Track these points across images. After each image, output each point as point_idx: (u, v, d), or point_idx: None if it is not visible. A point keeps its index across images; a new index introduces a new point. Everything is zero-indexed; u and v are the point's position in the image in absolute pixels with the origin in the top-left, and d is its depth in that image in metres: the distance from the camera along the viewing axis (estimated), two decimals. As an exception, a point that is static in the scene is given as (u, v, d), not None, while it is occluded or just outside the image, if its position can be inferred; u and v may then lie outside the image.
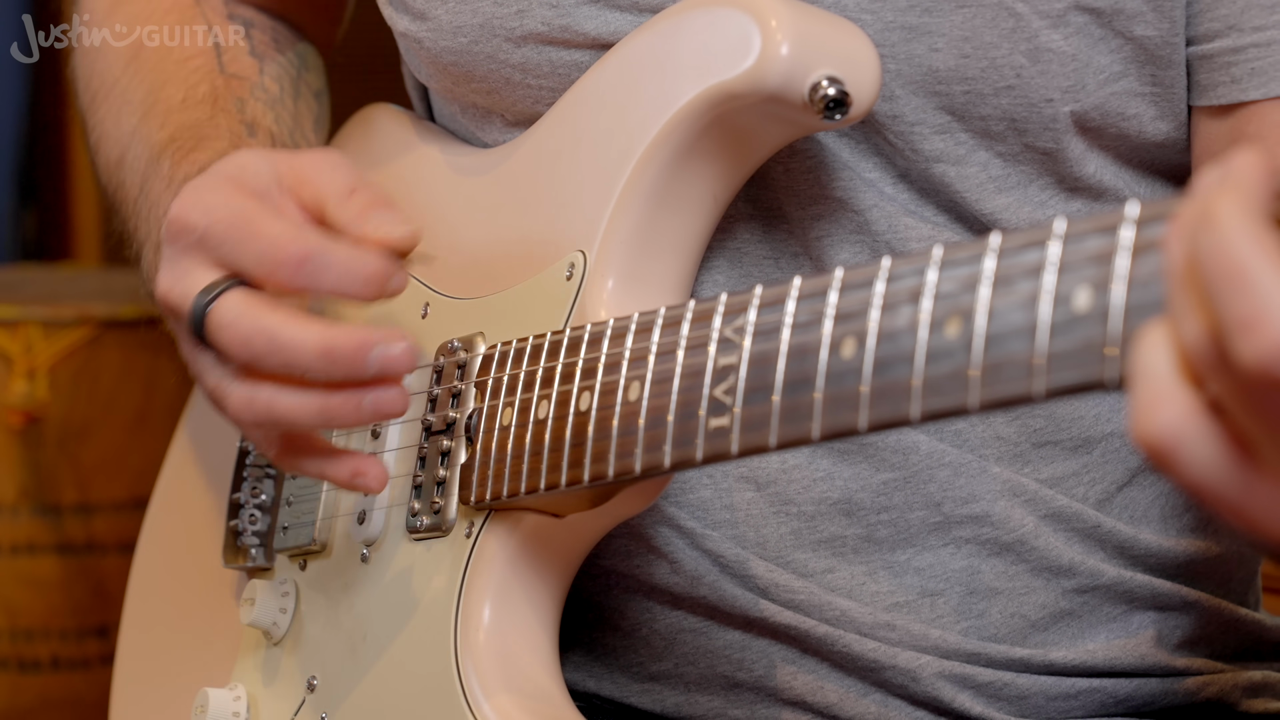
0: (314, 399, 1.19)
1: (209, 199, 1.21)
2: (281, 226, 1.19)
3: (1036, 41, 1.22)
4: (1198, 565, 1.33)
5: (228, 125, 1.36)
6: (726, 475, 1.28)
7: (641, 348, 1.15)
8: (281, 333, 1.17)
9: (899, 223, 1.26)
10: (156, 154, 1.36)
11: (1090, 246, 0.90)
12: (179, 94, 1.40)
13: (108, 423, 2.57)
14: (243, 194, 1.21)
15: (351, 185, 1.22)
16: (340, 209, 1.21)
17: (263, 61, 1.45)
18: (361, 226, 1.20)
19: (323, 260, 1.18)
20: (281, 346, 1.17)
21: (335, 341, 1.17)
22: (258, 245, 1.19)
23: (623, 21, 1.26)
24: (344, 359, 1.17)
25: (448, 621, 1.24)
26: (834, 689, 1.29)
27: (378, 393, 1.19)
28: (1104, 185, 1.28)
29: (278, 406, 1.19)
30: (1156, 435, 0.83)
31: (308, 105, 1.48)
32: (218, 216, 1.20)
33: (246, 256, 1.19)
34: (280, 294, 1.20)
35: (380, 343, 1.17)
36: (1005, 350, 0.93)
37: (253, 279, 1.20)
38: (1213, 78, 1.24)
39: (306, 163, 1.24)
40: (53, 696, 2.56)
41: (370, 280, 1.19)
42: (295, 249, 1.18)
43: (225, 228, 1.20)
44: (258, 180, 1.23)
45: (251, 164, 1.24)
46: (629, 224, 1.23)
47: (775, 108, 1.19)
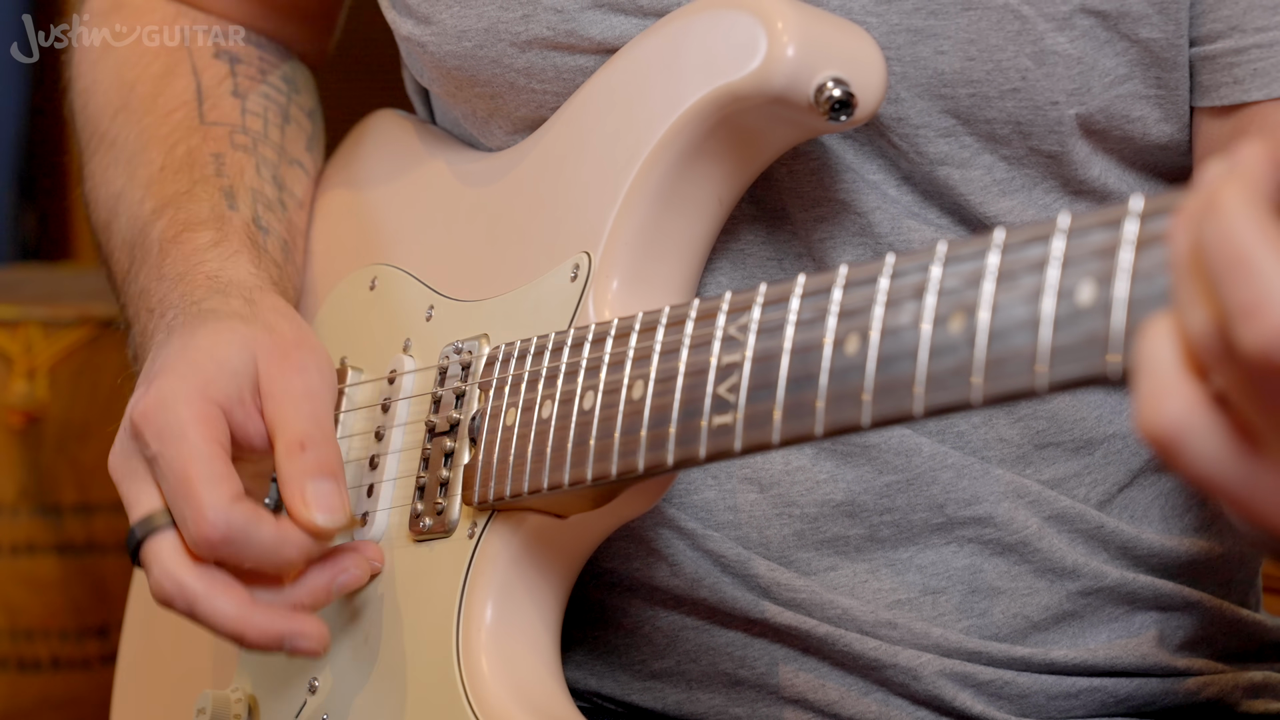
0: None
1: (165, 419, 1.23)
2: (214, 498, 1.21)
3: (1042, 44, 1.22)
4: (1199, 566, 1.33)
5: (208, 199, 1.38)
6: (730, 476, 1.28)
7: (645, 346, 1.15)
8: (199, 605, 1.22)
9: (902, 225, 1.26)
10: (142, 228, 1.38)
11: (1094, 240, 0.90)
12: (158, 159, 1.42)
13: (108, 423, 2.55)
14: (201, 422, 1.23)
15: (305, 437, 1.23)
16: (285, 461, 1.23)
17: (245, 99, 1.46)
18: (295, 495, 1.22)
19: (243, 542, 1.21)
20: (198, 615, 1.22)
21: (249, 629, 1.21)
22: (188, 509, 1.21)
23: (628, 26, 1.26)
24: (255, 644, 1.23)
25: (450, 622, 1.24)
26: (835, 687, 1.29)
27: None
28: (1108, 188, 1.28)
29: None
30: (1162, 427, 0.83)
31: (299, 127, 1.48)
32: (166, 450, 1.22)
33: (177, 512, 1.22)
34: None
35: (293, 637, 1.22)
36: (1009, 345, 0.93)
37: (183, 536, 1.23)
38: (1215, 78, 1.24)
39: (280, 383, 1.25)
40: (53, 696, 2.56)
41: (289, 564, 1.23)
42: (216, 532, 1.20)
43: (167, 468, 1.22)
44: (229, 386, 1.24)
45: (230, 361, 1.25)
46: (634, 225, 1.23)
47: (781, 109, 1.19)
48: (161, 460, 1.22)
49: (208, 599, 1.21)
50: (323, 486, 1.22)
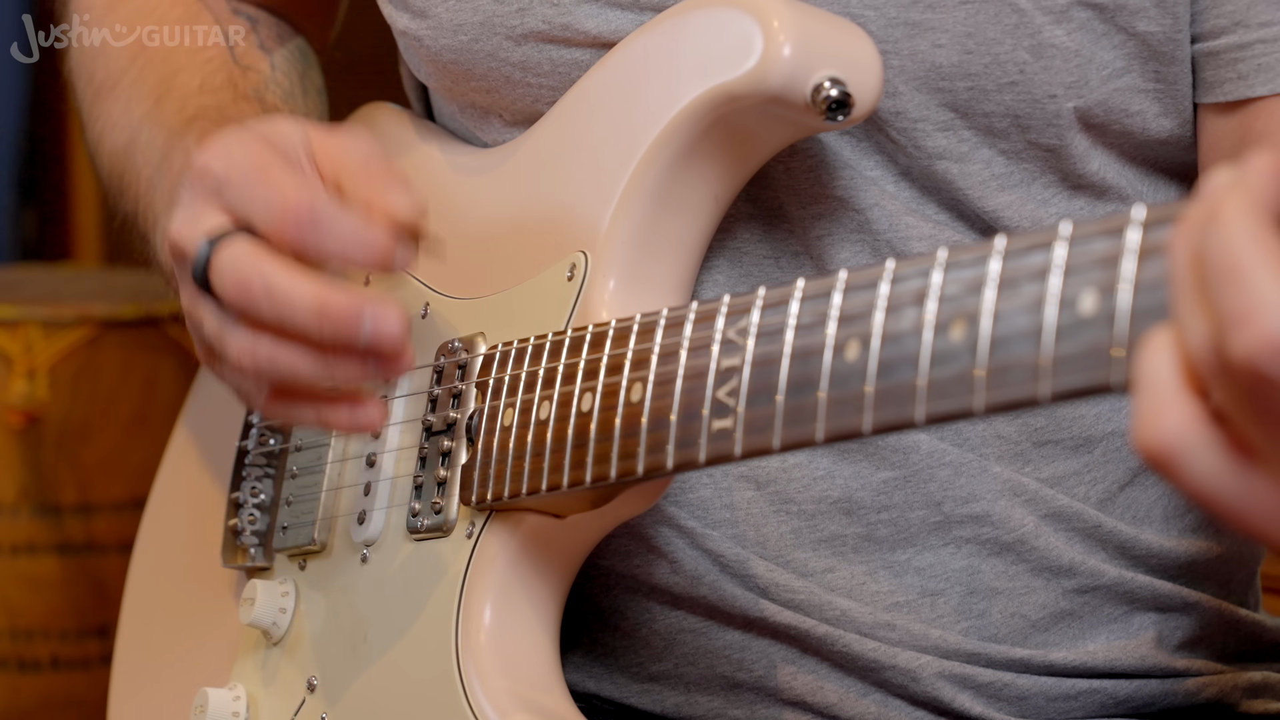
0: (313, 353, 1.18)
1: (234, 147, 1.21)
2: (295, 182, 1.18)
3: (1039, 37, 1.22)
4: (1199, 566, 1.33)
5: (250, 111, 1.36)
6: (726, 474, 1.28)
7: (644, 349, 1.15)
8: (279, 283, 1.16)
9: (900, 221, 1.26)
10: (179, 130, 1.35)
11: (1096, 249, 0.90)
12: (195, 81, 1.40)
13: (108, 423, 2.57)
14: (268, 148, 1.20)
15: (371, 160, 1.21)
16: (354, 181, 1.19)
17: (271, 55, 1.45)
18: (374, 195, 1.18)
19: (329, 220, 1.16)
20: (277, 297, 1.16)
21: (329, 301, 1.15)
22: (268, 194, 1.17)
23: (624, 20, 1.26)
24: (336, 318, 1.15)
25: (449, 622, 1.24)
26: (834, 689, 1.29)
27: (380, 351, 1.17)
28: (1107, 183, 1.28)
29: (279, 357, 1.18)
30: (1159, 443, 0.83)
31: (313, 102, 1.48)
32: (237, 163, 1.19)
33: (255, 204, 1.18)
34: (286, 250, 1.19)
35: (372, 310, 1.15)
36: (1010, 354, 0.93)
37: (260, 230, 1.19)
38: (1219, 74, 1.24)
39: (334, 138, 1.23)
40: (53, 696, 2.56)
41: (373, 249, 1.17)
42: (304, 204, 1.16)
43: (242, 174, 1.19)
44: (286, 140, 1.22)
45: (284, 127, 1.23)
46: (630, 224, 1.23)
47: (777, 109, 1.19)
48: (233, 172, 1.19)
49: (287, 276, 1.16)
50: (396, 188, 1.19)
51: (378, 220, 1.17)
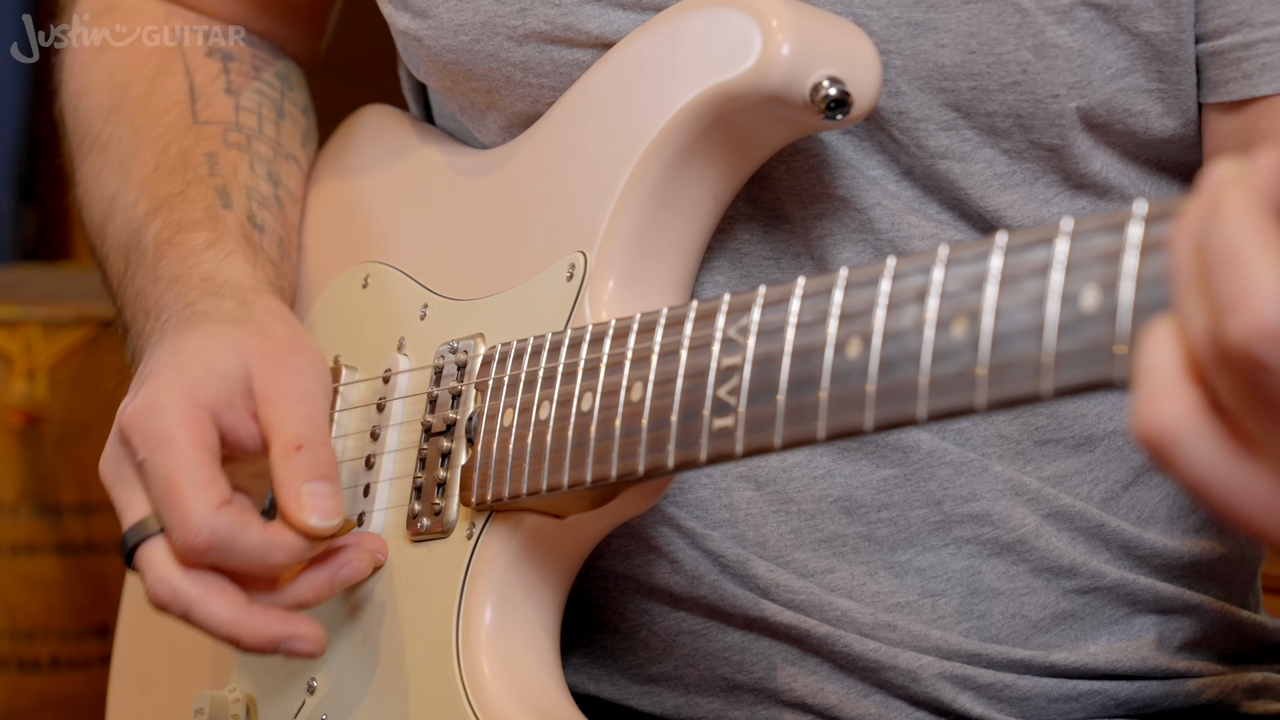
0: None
1: (152, 425, 1.23)
2: (199, 505, 1.20)
3: (1042, 37, 1.22)
4: (1201, 567, 1.33)
5: (201, 199, 1.37)
6: (726, 474, 1.28)
7: (644, 348, 1.14)
8: (194, 610, 1.22)
9: (902, 221, 1.26)
10: (136, 231, 1.38)
11: (1098, 244, 0.90)
12: (152, 160, 1.41)
13: (108, 423, 2.55)
14: (187, 424, 1.22)
15: (301, 439, 1.22)
16: (280, 463, 1.22)
17: (239, 96, 1.46)
18: (289, 497, 1.21)
19: (229, 548, 1.20)
20: (192, 620, 1.22)
21: (245, 632, 1.21)
22: (174, 516, 1.21)
23: (625, 20, 1.26)
24: (250, 647, 1.22)
25: (449, 623, 1.23)
26: (834, 690, 1.29)
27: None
28: (1110, 182, 1.28)
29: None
30: (1156, 429, 0.83)
31: (294, 123, 1.48)
32: (153, 457, 1.22)
33: (164, 519, 1.22)
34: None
35: (288, 640, 1.22)
36: (1012, 350, 0.93)
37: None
38: (1224, 74, 1.24)
39: (276, 385, 1.25)
40: (53, 696, 2.56)
41: (277, 568, 1.22)
42: (201, 539, 1.20)
43: (154, 475, 1.22)
44: (219, 389, 1.24)
45: (220, 364, 1.25)
46: (630, 224, 1.23)
47: (776, 108, 1.18)
48: (148, 466, 1.22)
49: (202, 603, 1.21)
50: (318, 489, 1.22)
51: (283, 536, 1.21)
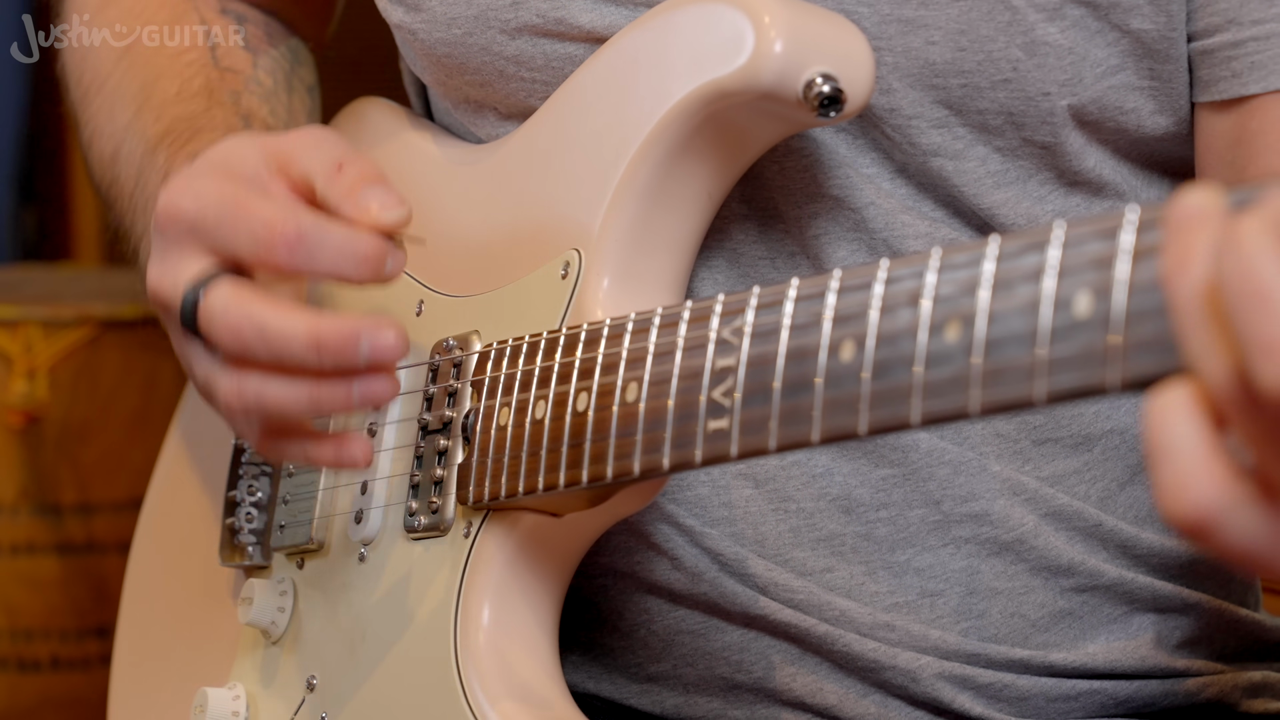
0: (303, 387, 1.18)
1: (198, 185, 1.21)
2: (273, 207, 1.18)
3: (1033, 35, 1.22)
4: (1200, 565, 1.33)
5: (223, 118, 1.36)
6: (724, 472, 1.28)
7: (639, 348, 1.14)
8: (270, 323, 1.17)
9: (896, 219, 1.26)
10: (152, 146, 1.36)
11: (1090, 251, 0.90)
12: (173, 87, 1.40)
13: (108, 423, 2.57)
14: (232, 179, 1.20)
15: (338, 160, 1.20)
16: (329, 186, 1.19)
17: (256, 55, 1.45)
18: (352, 206, 1.18)
19: (317, 239, 1.16)
20: (271, 337, 1.17)
21: (324, 331, 1.16)
22: (250, 227, 1.17)
23: (618, 15, 1.26)
24: (333, 349, 1.16)
25: (447, 622, 1.24)
26: (833, 689, 1.29)
27: (367, 380, 1.18)
28: (1103, 179, 1.28)
29: (267, 395, 1.18)
30: (1197, 514, 0.79)
31: (301, 100, 1.47)
32: (207, 202, 1.19)
33: (239, 239, 1.18)
34: (275, 277, 1.19)
35: (369, 332, 1.16)
36: (1006, 355, 0.93)
37: (246, 263, 1.19)
38: (1214, 73, 1.24)
39: (292, 141, 1.22)
40: (53, 696, 2.56)
41: (366, 260, 1.17)
42: (289, 229, 1.16)
43: (216, 212, 1.19)
44: (245, 164, 1.21)
45: (238, 149, 1.23)
46: (624, 222, 1.23)
47: (769, 105, 1.18)
48: (207, 211, 1.19)
49: (278, 315, 1.17)
50: (374, 190, 1.18)
51: (364, 229, 1.17)
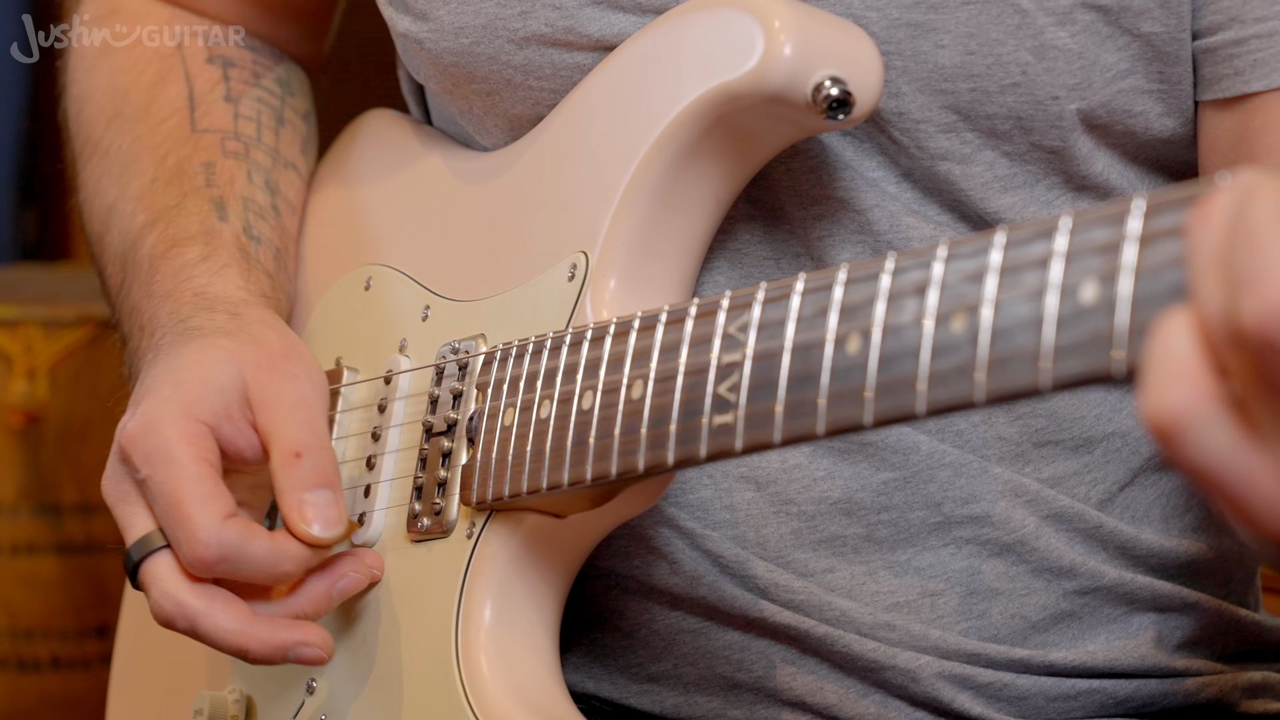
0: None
1: (153, 441, 1.23)
2: (206, 518, 1.21)
3: (1042, 38, 1.22)
4: (1199, 566, 1.33)
5: (198, 211, 1.38)
6: (726, 475, 1.28)
7: (644, 346, 1.14)
8: (200, 623, 1.22)
9: (901, 222, 1.26)
10: (133, 243, 1.39)
11: (1097, 237, 0.90)
12: (150, 170, 1.42)
13: (108, 423, 2.55)
14: (187, 440, 1.23)
15: (300, 446, 1.23)
16: (280, 472, 1.23)
17: (238, 104, 1.46)
18: (291, 508, 1.22)
19: (238, 560, 1.21)
20: (199, 632, 1.22)
21: (253, 643, 1.22)
22: (181, 531, 1.21)
23: (626, 23, 1.26)
24: (258, 658, 1.23)
25: (449, 623, 1.23)
26: (833, 689, 1.29)
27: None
28: (1111, 183, 1.28)
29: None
30: (1167, 414, 0.81)
31: (294, 130, 1.48)
32: (155, 474, 1.23)
33: (170, 534, 1.23)
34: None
35: (296, 647, 1.22)
36: (1012, 343, 0.93)
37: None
38: (1216, 71, 1.24)
39: (272, 392, 1.25)
40: (53, 696, 2.56)
41: (287, 576, 1.23)
42: (210, 552, 1.20)
43: (157, 491, 1.22)
44: (216, 403, 1.24)
45: (216, 378, 1.25)
46: (631, 225, 1.23)
47: (778, 108, 1.19)
48: (151, 483, 1.23)
49: (208, 616, 1.22)
50: (320, 497, 1.22)
51: (289, 546, 1.22)
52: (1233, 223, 0.80)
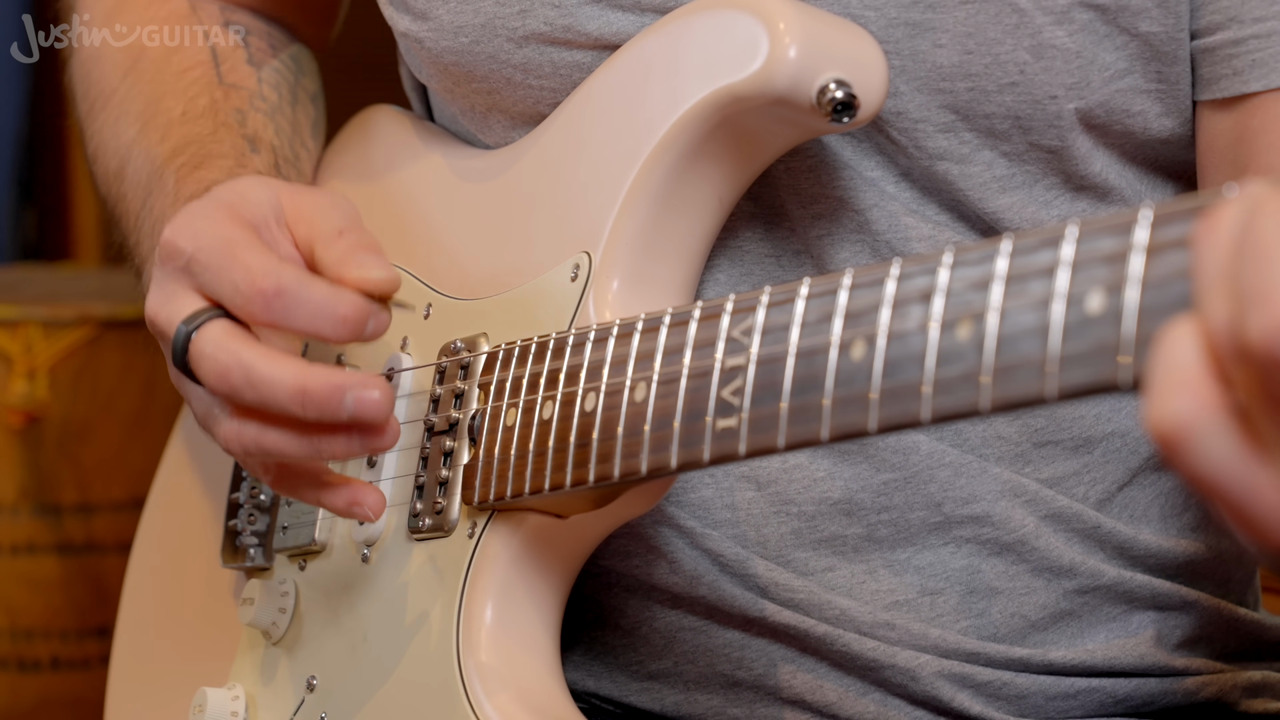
0: (303, 437, 1.19)
1: (200, 224, 1.22)
2: (261, 259, 1.19)
3: (1040, 38, 1.22)
4: (1197, 565, 1.33)
5: (230, 140, 1.37)
6: (727, 475, 1.28)
7: (648, 348, 1.14)
8: (257, 368, 1.18)
9: (900, 222, 1.26)
10: (159, 167, 1.36)
11: (1103, 247, 0.90)
12: (178, 107, 1.40)
13: (108, 423, 2.57)
14: (235, 222, 1.22)
15: (342, 227, 1.22)
16: (327, 249, 1.21)
17: (260, 69, 1.46)
18: (343, 267, 1.20)
19: (296, 297, 1.18)
20: (257, 383, 1.18)
21: (310, 383, 1.17)
22: (235, 275, 1.19)
23: (626, 22, 1.26)
24: (317, 401, 1.17)
25: (450, 622, 1.24)
26: (833, 688, 1.29)
27: (367, 432, 1.19)
28: (1109, 184, 1.28)
29: (266, 440, 1.20)
30: (1171, 423, 0.81)
31: (305, 111, 1.48)
32: (204, 243, 1.21)
33: (224, 286, 1.20)
34: (258, 327, 1.20)
35: (354, 387, 1.17)
36: (1017, 352, 0.93)
37: (229, 310, 1.20)
38: (1215, 71, 1.24)
39: (307, 200, 1.24)
40: (53, 696, 2.56)
41: (344, 321, 1.18)
42: (269, 282, 1.18)
43: (209, 255, 1.20)
44: (255, 210, 1.23)
45: (252, 192, 1.24)
46: (634, 226, 1.23)
47: (782, 110, 1.19)
48: (200, 254, 1.20)
49: (266, 361, 1.18)
50: (369, 257, 1.20)
51: (347, 291, 1.19)
52: (1240, 236, 0.81)
